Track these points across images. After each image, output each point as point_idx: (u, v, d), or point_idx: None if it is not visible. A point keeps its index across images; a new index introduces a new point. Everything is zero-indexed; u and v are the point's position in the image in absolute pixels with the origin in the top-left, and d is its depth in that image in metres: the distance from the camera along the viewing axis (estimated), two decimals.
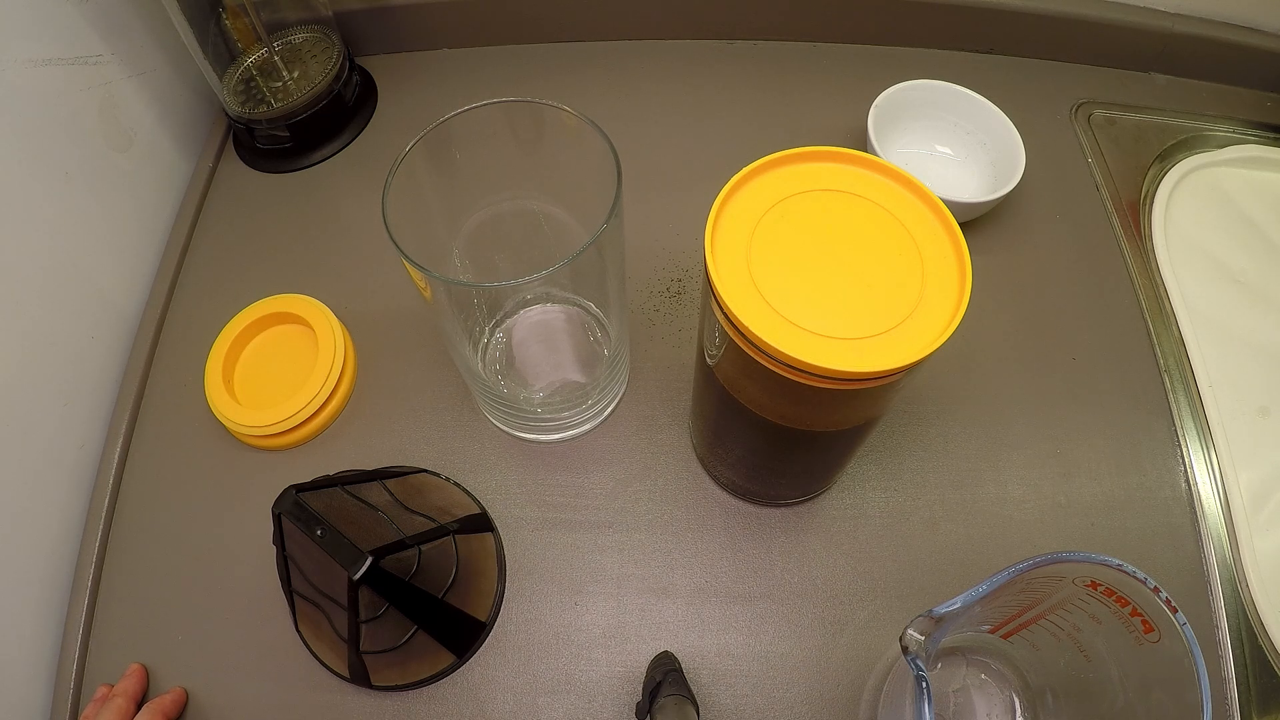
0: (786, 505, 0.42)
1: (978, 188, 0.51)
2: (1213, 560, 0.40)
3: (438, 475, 0.43)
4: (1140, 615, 0.26)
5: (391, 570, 0.33)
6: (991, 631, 0.35)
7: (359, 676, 0.37)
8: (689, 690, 0.34)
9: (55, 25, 0.44)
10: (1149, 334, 0.46)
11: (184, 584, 0.41)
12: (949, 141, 0.52)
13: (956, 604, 0.25)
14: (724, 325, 0.27)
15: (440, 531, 0.37)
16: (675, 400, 0.45)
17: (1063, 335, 0.47)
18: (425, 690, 0.38)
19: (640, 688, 0.36)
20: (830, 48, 0.60)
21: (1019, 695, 0.35)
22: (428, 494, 0.41)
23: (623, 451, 0.44)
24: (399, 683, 0.38)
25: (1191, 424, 0.44)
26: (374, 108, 0.58)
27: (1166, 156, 0.54)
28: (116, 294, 0.49)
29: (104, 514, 0.43)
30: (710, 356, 0.32)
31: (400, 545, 0.34)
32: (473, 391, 0.44)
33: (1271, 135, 0.55)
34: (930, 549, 0.41)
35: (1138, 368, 0.46)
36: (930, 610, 0.25)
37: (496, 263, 0.42)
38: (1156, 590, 0.25)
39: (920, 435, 0.44)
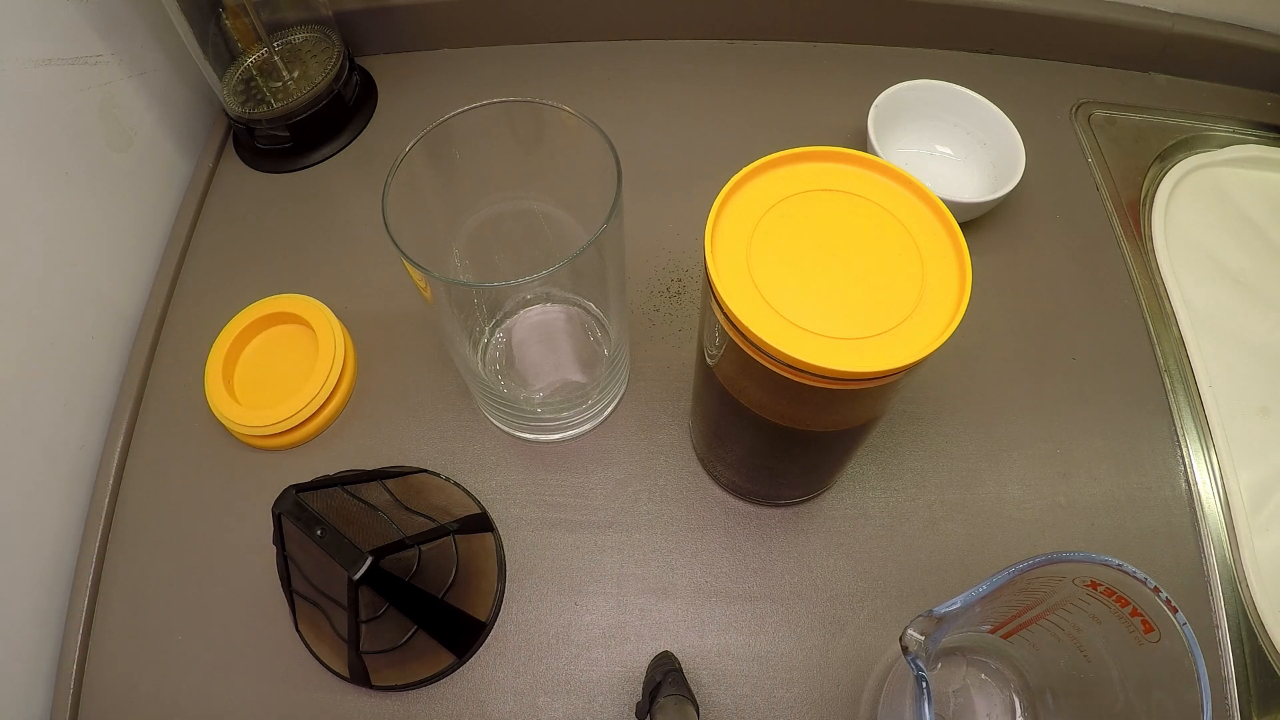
0: (786, 505, 0.42)
1: (978, 188, 0.51)
2: (1213, 560, 0.40)
3: (438, 475, 0.43)
4: (1140, 615, 0.26)
5: (391, 570, 0.33)
6: (991, 631, 0.35)
7: (359, 676, 0.37)
8: (689, 690, 0.34)
9: (55, 25, 0.44)
10: (1149, 334, 0.46)
11: (184, 584, 0.41)
12: (949, 141, 0.52)
13: (956, 604, 0.25)
14: (724, 325, 0.27)
15: (440, 531, 0.37)
16: (675, 400, 0.45)
17: (1063, 335, 0.47)
18: (425, 690, 0.38)
19: (640, 688, 0.36)
20: (830, 48, 0.60)
21: (1019, 695, 0.35)
22: (428, 494, 0.41)
23: (623, 451, 0.44)
24: (399, 683, 0.38)
25: (1191, 424, 0.44)
26: (374, 108, 0.58)
27: (1166, 156, 0.54)
28: (116, 294, 0.49)
29: (104, 514, 0.43)
30: (710, 356, 0.32)
31: (400, 545, 0.34)
32: (473, 391, 0.44)
33: (1271, 135, 0.55)
34: (930, 549, 0.41)
35: (1138, 368, 0.46)
36: (930, 610, 0.25)
37: (496, 263, 0.42)
38: (1156, 590, 0.25)
39: (920, 435, 0.44)
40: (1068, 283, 0.49)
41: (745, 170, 0.28)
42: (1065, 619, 0.30)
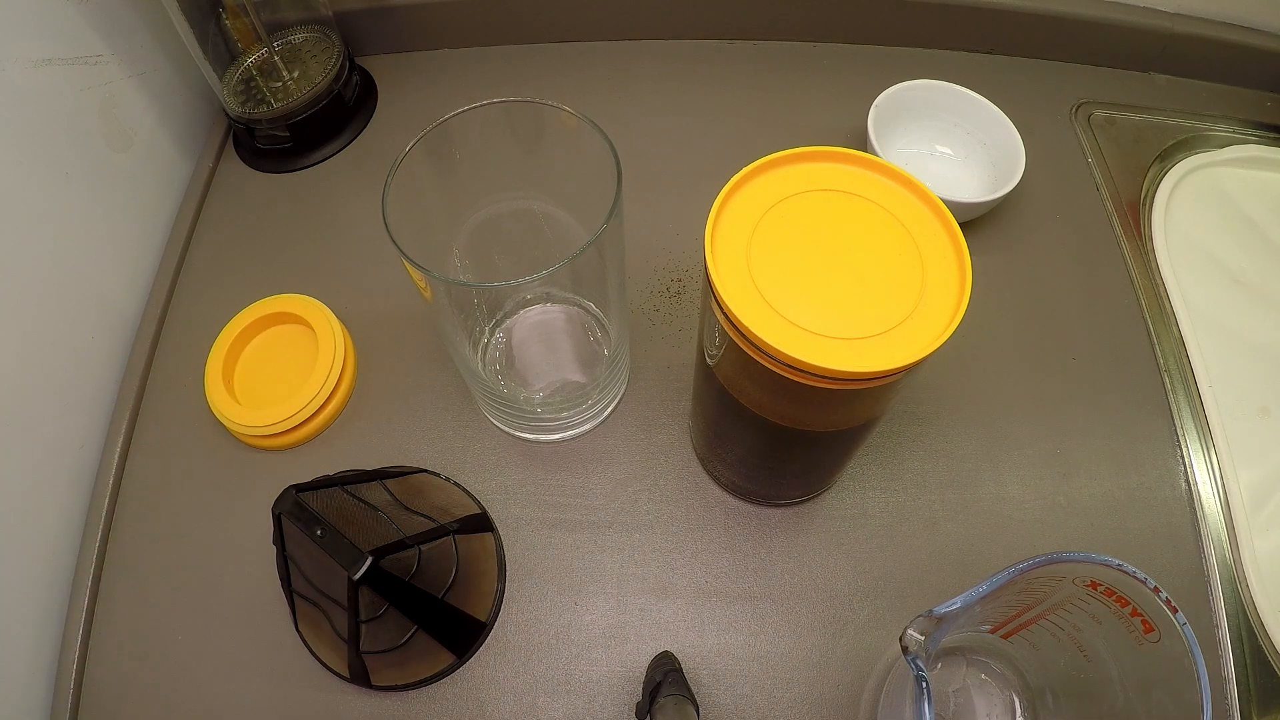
0: (786, 505, 0.42)
1: (978, 188, 0.51)
2: (1213, 560, 0.40)
3: (438, 475, 0.43)
4: (1140, 615, 0.26)
5: (391, 570, 0.33)
6: (991, 631, 0.35)
7: (359, 676, 0.37)
8: (689, 690, 0.34)
9: (55, 25, 0.44)
10: (1149, 334, 0.46)
11: (184, 584, 0.41)
12: (949, 141, 0.52)
13: (956, 604, 0.25)
14: (724, 325, 0.27)
15: (440, 531, 0.37)
16: (675, 400, 0.45)
17: (1063, 335, 0.47)
18: (425, 690, 0.38)
19: (640, 688, 0.36)
20: (830, 48, 0.60)
21: (1019, 695, 0.35)
22: (428, 494, 0.41)
23: (623, 451, 0.44)
24: (399, 683, 0.38)
25: (1191, 424, 0.44)
26: (374, 108, 0.58)
27: (1166, 156, 0.54)
28: (116, 294, 0.49)
29: (104, 514, 0.43)
30: (710, 356, 0.32)
31: (400, 545, 0.34)
32: (473, 391, 0.44)
33: (1271, 135, 0.55)
34: (930, 549, 0.41)
35: (1138, 368, 0.46)
36: (930, 610, 0.25)
37: (496, 263, 0.42)
38: (1156, 590, 0.25)
39: (920, 435, 0.44)
40: (1068, 283, 0.49)
41: (745, 170, 0.28)
42: (1065, 619, 0.30)
